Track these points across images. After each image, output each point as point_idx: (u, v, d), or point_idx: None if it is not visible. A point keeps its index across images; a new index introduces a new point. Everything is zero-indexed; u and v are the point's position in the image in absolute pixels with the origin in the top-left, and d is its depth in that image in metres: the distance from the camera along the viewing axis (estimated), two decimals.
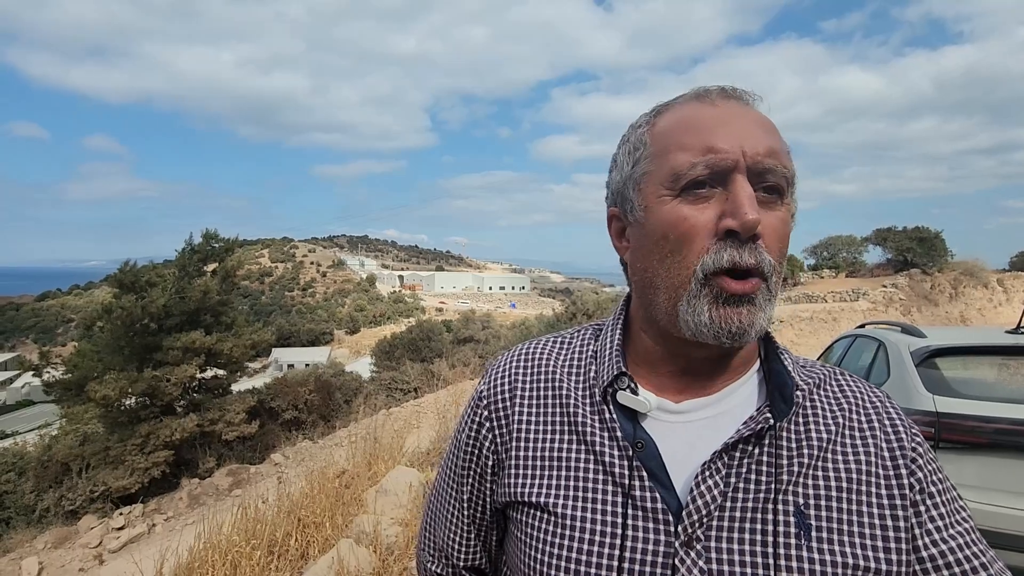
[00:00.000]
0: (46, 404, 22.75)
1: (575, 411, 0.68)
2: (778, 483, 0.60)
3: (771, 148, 0.60)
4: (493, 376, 0.75)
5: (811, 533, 0.59)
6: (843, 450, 0.63)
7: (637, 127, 0.68)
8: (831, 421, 0.65)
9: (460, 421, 0.78)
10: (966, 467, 2.89)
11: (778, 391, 0.64)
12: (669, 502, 0.61)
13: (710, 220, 0.59)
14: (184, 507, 11.08)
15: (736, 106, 0.63)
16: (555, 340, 0.77)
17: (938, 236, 20.95)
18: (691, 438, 0.64)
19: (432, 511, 0.83)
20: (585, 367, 0.71)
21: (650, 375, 0.68)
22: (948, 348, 3.37)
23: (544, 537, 0.64)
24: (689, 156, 0.60)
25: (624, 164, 0.67)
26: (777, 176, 0.60)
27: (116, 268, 13.69)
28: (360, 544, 2.94)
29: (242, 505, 3.37)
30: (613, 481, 0.63)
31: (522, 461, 0.68)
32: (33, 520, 11.62)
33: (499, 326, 25.60)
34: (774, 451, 0.62)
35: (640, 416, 0.65)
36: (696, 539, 0.59)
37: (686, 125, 0.62)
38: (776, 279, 0.61)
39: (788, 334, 14.53)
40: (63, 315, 79.86)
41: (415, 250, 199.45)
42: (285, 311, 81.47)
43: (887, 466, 0.63)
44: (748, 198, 0.58)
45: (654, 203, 0.62)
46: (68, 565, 9.15)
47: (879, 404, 0.68)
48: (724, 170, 0.59)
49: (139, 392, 12.80)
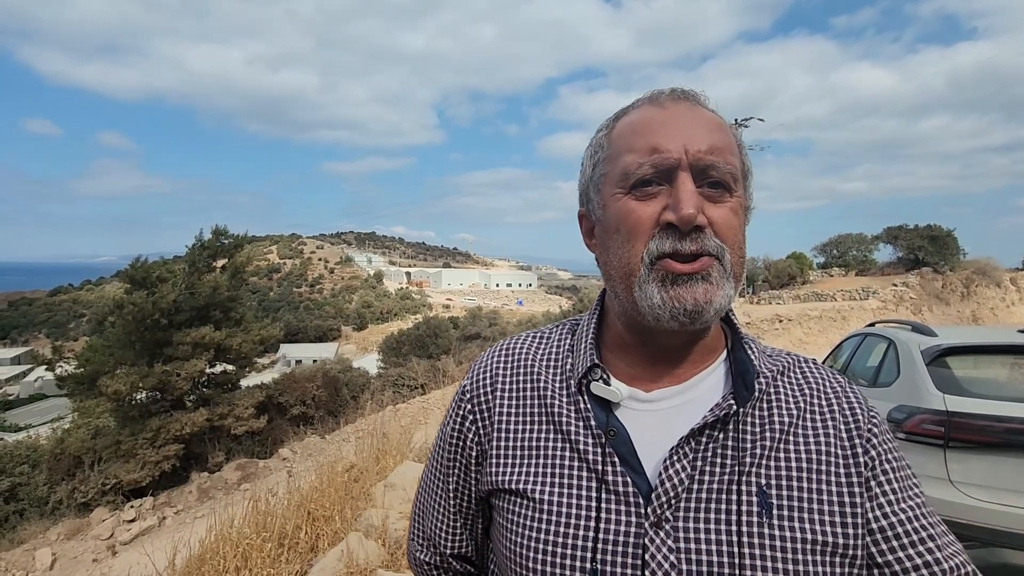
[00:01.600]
0: (58, 398, 23.05)
1: (552, 402, 0.72)
2: (741, 465, 0.64)
3: (713, 145, 0.64)
4: (476, 372, 0.79)
5: (772, 511, 0.62)
6: (804, 432, 0.67)
7: (599, 131, 0.72)
8: (793, 406, 0.68)
9: (446, 415, 0.82)
10: (976, 466, 2.88)
11: (741, 378, 0.68)
12: (640, 486, 0.64)
13: (655, 212, 0.63)
14: (194, 500, 11.20)
15: (684, 107, 0.67)
16: (534, 336, 0.81)
17: (950, 234, 20.74)
18: (661, 425, 0.67)
19: (421, 502, 0.86)
20: (562, 360, 0.75)
21: (624, 364, 0.72)
22: (959, 347, 3.35)
23: (524, 522, 0.68)
24: (636, 157, 0.64)
25: (587, 167, 0.73)
26: (721, 172, 0.63)
27: (127, 263, 13.82)
28: (369, 537, 2.97)
29: (253, 498, 3.40)
30: (588, 467, 0.66)
31: (503, 451, 0.72)
32: (46, 512, 11.79)
33: (506, 323, 25.63)
34: (738, 435, 0.65)
35: (613, 405, 0.69)
36: (665, 519, 0.62)
37: (636, 128, 0.67)
38: (731, 258, 0.64)
39: (797, 333, 14.45)
40: (75, 310, 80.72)
41: (422, 247, 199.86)
42: (293, 307, 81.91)
43: (844, 446, 0.67)
44: (688, 194, 0.62)
45: (610, 200, 0.68)
46: (81, 556, 9.28)
47: (839, 389, 0.71)
48: (668, 168, 0.63)
49: (149, 387, 12.94)
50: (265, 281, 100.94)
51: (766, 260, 25.22)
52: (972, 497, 2.81)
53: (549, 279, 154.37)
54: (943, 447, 2.92)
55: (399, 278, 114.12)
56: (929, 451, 2.95)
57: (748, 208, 0.69)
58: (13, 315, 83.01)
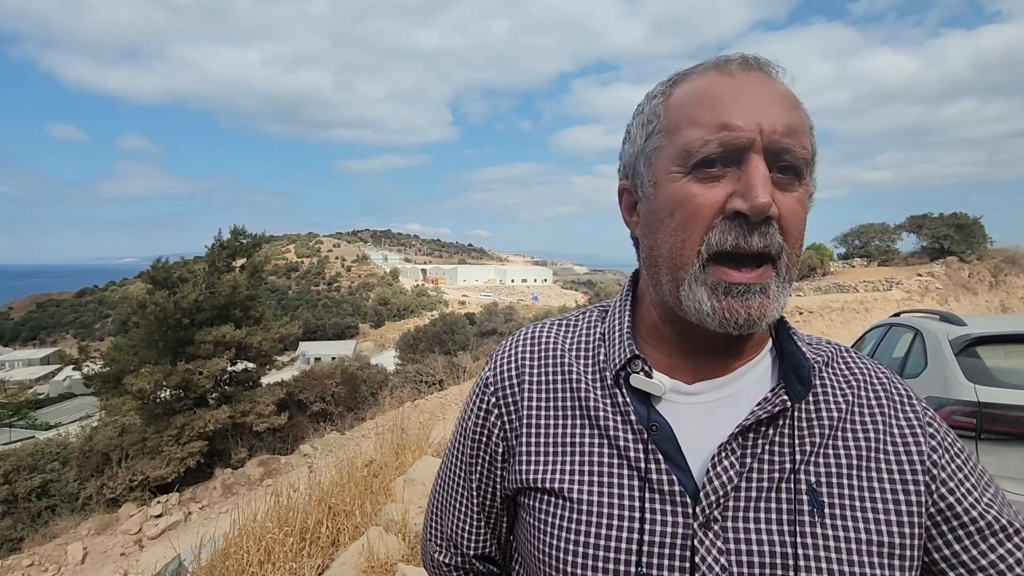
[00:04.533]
0: (86, 396, 23.62)
1: (586, 395, 0.67)
2: (792, 463, 0.60)
3: (790, 126, 0.57)
4: (499, 361, 0.73)
5: (824, 511, 0.59)
6: (853, 427, 0.63)
7: (652, 97, 0.65)
8: (840, 399, 0.64)
9: (465, 408, 0.76)
10: (1009, 459, 2.79)
11: (794, 372, 0.63)
12: (686, 484, 0.60)
13: (719, 199, 0.57)
14: (218, 496, 11.41)
15: (757, 78, 0.59)
16: (561, 323, 0.75)
17: (976, 222, 20.19)
18: (705, 420, 0.63)
19: (438, 501, 0.81)
20: (594, 350, 0.70)
21: (660, 355, 0.67)
22: (990, 336, 3.25)
23: (559, 523, 0.63)
24: (702, 133, 0.57)
25: (637, 137, 0.65)
26: (795, 156, 0.57)
27: (150, 264, 14.09)
28: (389, 532, 2.98)
29: (275, 493, 3.44)
30: (629, 465, 0.62)
31: (533, 447, 0.67)
32: (77, 507, 12.12)
33: (522, 318, 25.63)
34: (792, 432, 0.61)
35: (654, 399, 0.64)
36: (714, 520, 0.59)
37: (701, 98, 0.59)
38: (788, 262, 0.59)
39: (819, 325, 14.22)
40: (100, 311, 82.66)
41: (437, 243, 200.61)
42: (311, 305, 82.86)
43: (896, 441, 0.63)
44: (762, 179, 0.55)
45: (664, 179, 0.60)
46: (110, 551, 9.52)
47: (886, 381, 0.67)
48: (738, 149, 0.56)
49: (173, 385, 13.21)
50: (283, 280, 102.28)
51: None
52: (1006, 490, 2.73)
53: (565, 274, 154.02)
54: (975, 439, 2.84)
55: (415, 275, 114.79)
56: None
57: (811, 196, 0.62)
58: (41, 316, 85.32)
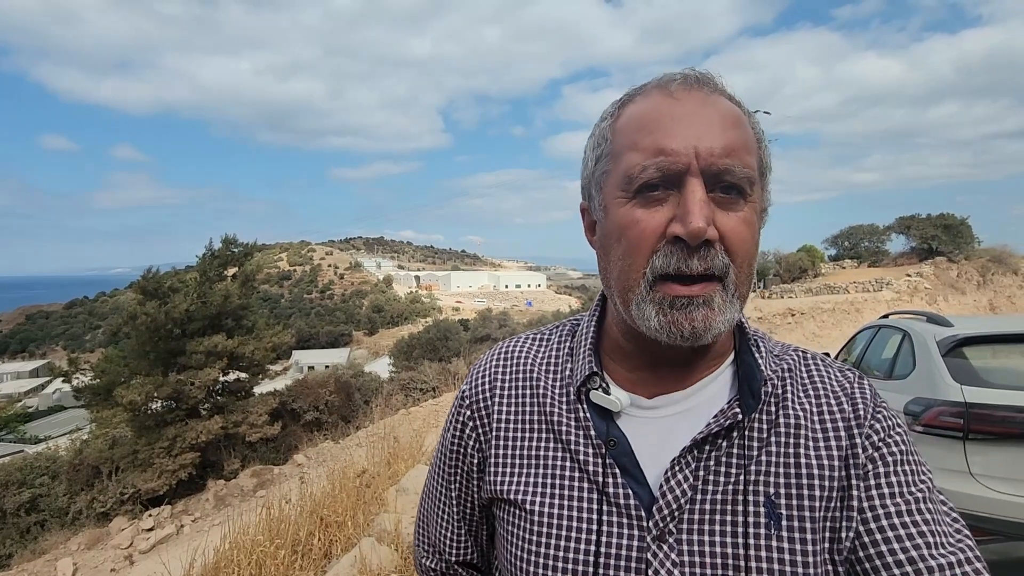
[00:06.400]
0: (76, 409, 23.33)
1: (551, 410, 0.69)
2: (747, 475, 0.60)
3: (728, 146, 0.57)
4: (475, 375, 0.77)
5: (781, 523, 0.59)
6: (813, 436, 0.63)
7: (603, 119, 0.66)
8: (800, 409, 0.64)
9: (447, 421, 0.80)
10: (996, 458, 2.81)
11: (747, 385, 0.64)
12: (642, 497, 0.61)
13: (661, 224, 0.58)
14: (211, 508, 11.29)
15: (698, 98, 0.60)
16: (534, 337, 0.78)
17: (964, 223, 20.44)
18: (663, 433, 0.64)
19: (425, 508, 0.85)
20: (561, 365, 0.72)
21: (623, 369, 0.68)
22: (976, 337, 3.28)
23: (523, 534, 0.65)
24: (640, 158, 0.58)
25: (589, 160, 0.67)
26: (736, 176, 0.57)
27: (141, 275, 13.97)
28: (382, 542, 2.96)
29: (266, 505, 3.42)
30: (588, 479, 0.64)
31: (502, 459, 0.70)
32: (67, 522, 11.94)
33: (516, 324, 25.61)
34: (743, 444, 0.62)
35: (614, 413, 0.65)
36: (668, 532, 0.60)
37: (643, 122, 0.60)
38: (736, 280, 0.59)
39: (810, 326, 14.30)
40: (91, 322, 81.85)
41: (431, 250, 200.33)
42: (304, 313, 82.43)
43: (843, 446, 0.62)
44: (698, 204, 0.56)
45: (612, 204, 0.62)
46: (101, 566, 9.38)
47: (847, 385, 0.66)
48: (675, 174, 0.57)
49: (164, 396, 13.07)
50: (276, 288, 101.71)
51: (777, 254, 25.01)
52: (994, 490, 2.75)
53: (559, 279, 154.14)
54: (962, 439, 2.86)
55: (408, 282, 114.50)
56: (948, 444, 2.90)
57: (764, 210, 0.63)
58: (31, 328, 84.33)
